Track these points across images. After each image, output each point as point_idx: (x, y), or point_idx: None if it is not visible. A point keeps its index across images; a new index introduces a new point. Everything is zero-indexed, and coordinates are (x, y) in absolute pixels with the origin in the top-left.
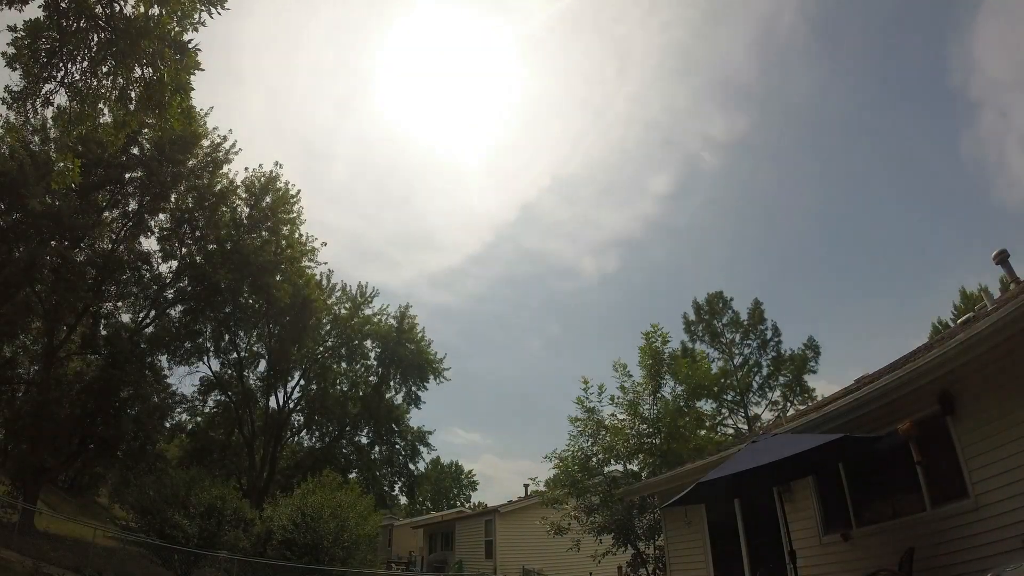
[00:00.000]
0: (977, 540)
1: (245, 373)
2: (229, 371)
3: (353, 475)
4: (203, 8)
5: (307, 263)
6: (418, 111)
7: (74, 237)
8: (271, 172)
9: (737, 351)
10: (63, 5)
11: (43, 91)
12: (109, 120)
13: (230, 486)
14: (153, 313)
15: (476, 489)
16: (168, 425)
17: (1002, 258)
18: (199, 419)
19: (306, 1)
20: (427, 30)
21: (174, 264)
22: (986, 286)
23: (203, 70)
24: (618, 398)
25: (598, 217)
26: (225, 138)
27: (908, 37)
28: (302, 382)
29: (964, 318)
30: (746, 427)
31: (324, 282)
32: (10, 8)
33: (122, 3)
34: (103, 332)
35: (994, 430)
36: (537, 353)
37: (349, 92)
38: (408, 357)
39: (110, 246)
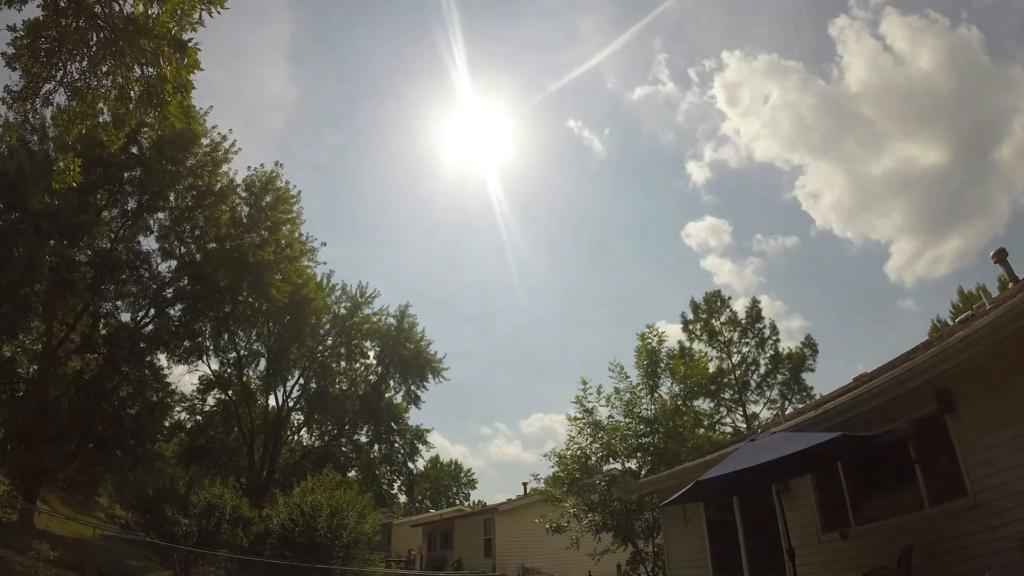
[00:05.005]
0: (975, 539)
1: (244, 372)
2: (228, 370)
3: (352, 473)
4: (203, 7)
5: (307, 262)
6: None
7: (73, 236)
8: (271, 172)
9: (735, 349)
10: (62, 4)
11: (43, 90)
12: (108, 119)
13: (229, 485)
14: (152, 312)
15: (475, 487)
16: (167, 424)
17: (1001, 257)
18: (198, 418)
19: None
20: None
21: (173, 263)
22: (984, 285)
23: (203, 69)
24: (613, 399)
25: None
26: (224, 137)
27: None
28: (301, 381)
29: (963, 316)
30: (744, 425)
31: (324, 282)
32: (9, 8)
33: (121, 2)
34: (102, 331)
35: (993, 429)
36: None
37: None
38: (408, 356)
39: (109, 245)
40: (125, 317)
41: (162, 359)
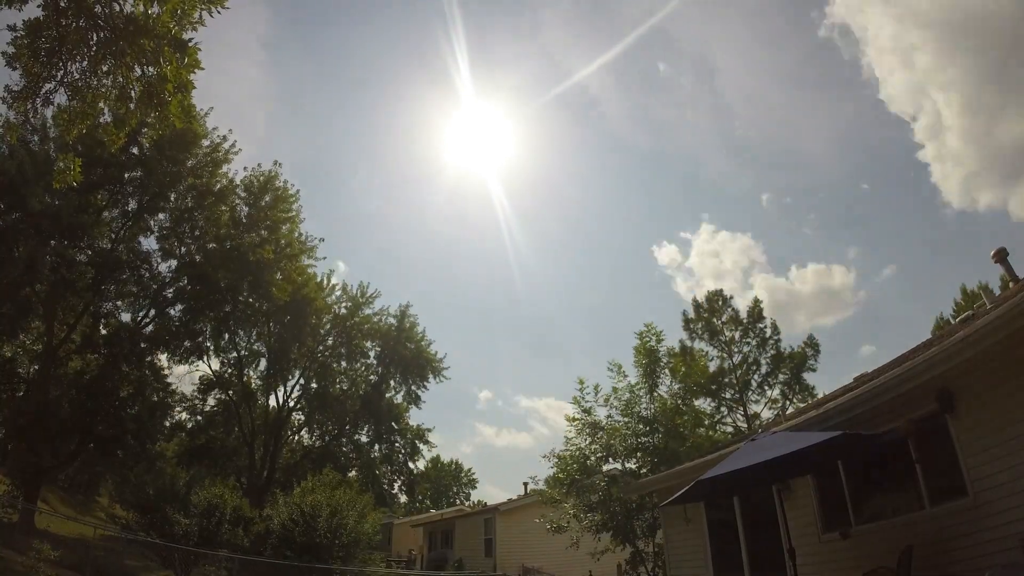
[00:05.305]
0: (975, 539)
1: (245, 372)
2: (229, 370)
3: (352, 473)
4: (203, 7)
5: (307, 262)
6: None
7: (74, 236)
8: (270, 171)
9: (736, 349)
10: (62, 4)
11: (43, 90)
12: (109, 119)
13: (230, 484)
14: (153, 312)
15: (476, 487)
16: (168, 424)
17: (1001, 256)
18: (199, 418)
19: None
20: None
21: (173, 263)
22: (986, 283)
23: (203, 69)
24: (612, 400)
25: None
26: (225, 138)
27: None
28: (302, 380)
29: (964, 316)
30: (745, 425)
31: (324, 281)
32: (10, 8)
33: (121, 2)
34: (103, 331)
35: (994, 428)
36: None
37: None
38: (408, 356)
39: (110, 245)
40: (125, 317)
41: (163, 359)
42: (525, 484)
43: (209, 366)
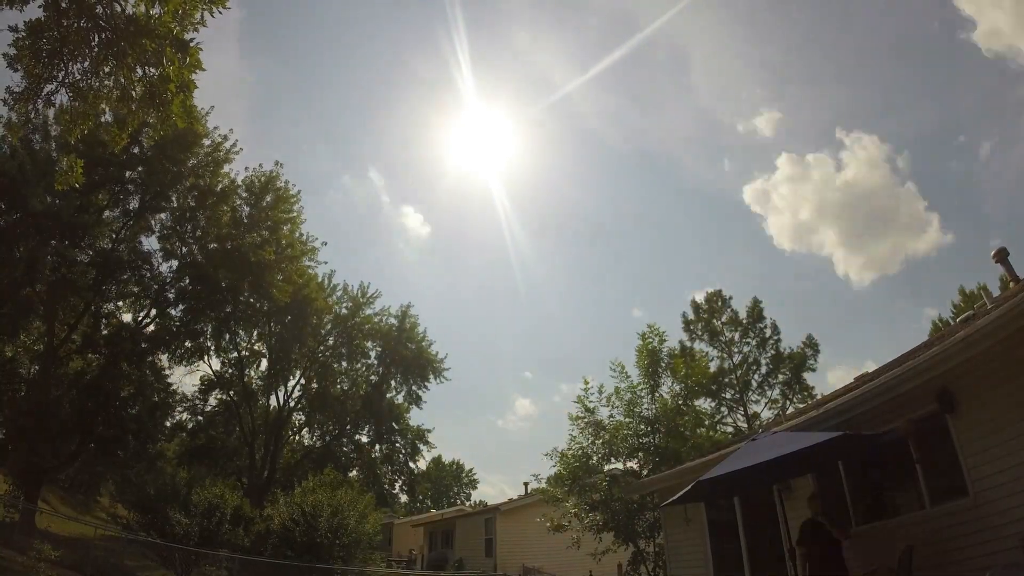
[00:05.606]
0: (976, 539)
1: (246, 372)
2: (230, 370)
3: (353, 473)
4: (204, 7)
5: (308, 262)
6: None
7: (74, 236)
8: (271, 172)
9: (736, 349)
10: (63, 5)
11: (45, 91)
12: (110, 119)
13: (230, 485)
14: (154, 312)
15: (476, 487)
16: (168, 424)
17: (1001, 256)
18: (200, 418)
19: None
20: None
21: (175, 263)
22: (985, 284)
23: (205, 69)
24: (614, 400)
25: None
26: (226, 137)
27: None
28: (303, 381)
29: (964, 316)
30: (745, 425)
31: (325, 282)
32: (11, 8)
33: (123, 3)
34: (104, 331)
35: (994, 428)
36: None
37: None
38: (409, 357)
39: (111, 245)
40: (126, 317)
41: (163, 359)
42: (526, 484)
43: (210, 366)
